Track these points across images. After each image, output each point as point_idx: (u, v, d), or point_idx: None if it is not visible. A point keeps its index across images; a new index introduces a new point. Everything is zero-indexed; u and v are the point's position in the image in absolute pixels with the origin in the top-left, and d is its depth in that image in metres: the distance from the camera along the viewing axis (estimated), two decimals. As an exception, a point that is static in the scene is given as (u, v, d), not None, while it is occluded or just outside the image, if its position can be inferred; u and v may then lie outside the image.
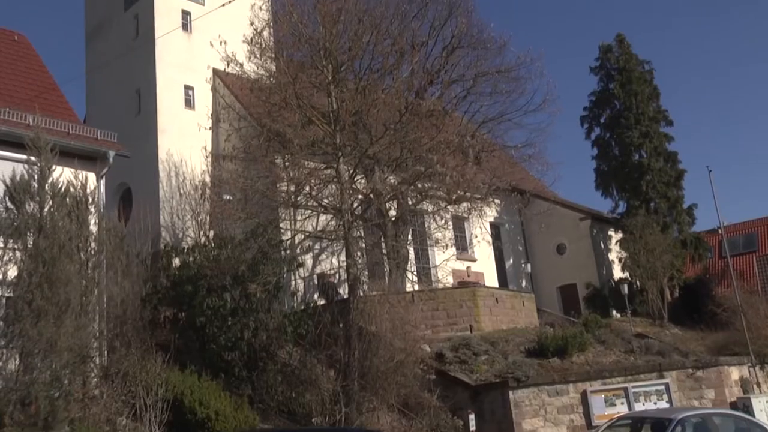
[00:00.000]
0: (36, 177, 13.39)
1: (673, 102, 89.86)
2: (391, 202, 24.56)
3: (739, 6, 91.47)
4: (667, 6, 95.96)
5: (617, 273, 35.49)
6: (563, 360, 21.36)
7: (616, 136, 36.57)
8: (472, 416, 18.61)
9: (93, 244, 14.56)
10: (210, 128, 27.58)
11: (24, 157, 14.02)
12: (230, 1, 25.00)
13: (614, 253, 36.15)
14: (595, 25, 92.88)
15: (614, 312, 32.57)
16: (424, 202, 25.97)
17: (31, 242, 12.85)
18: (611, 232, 37.17)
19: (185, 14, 29.88)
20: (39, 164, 13.52)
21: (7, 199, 13.16)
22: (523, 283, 35.76)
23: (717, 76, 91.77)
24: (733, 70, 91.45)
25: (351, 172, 21.03)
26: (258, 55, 22.46)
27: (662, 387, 20.54)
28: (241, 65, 22.81)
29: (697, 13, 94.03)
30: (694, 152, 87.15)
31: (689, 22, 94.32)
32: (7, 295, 12.73)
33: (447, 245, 27.52)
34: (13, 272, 12.67)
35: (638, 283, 32.22)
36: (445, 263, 28.01)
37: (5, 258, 12.67)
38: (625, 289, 29.81)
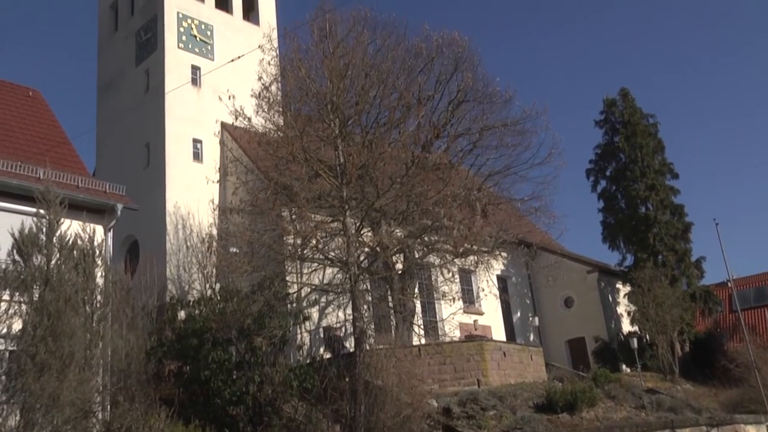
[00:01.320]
0: (44, 230, 13.44)
1: (679, 154, 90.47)
2: (397, 255, 24.50)
3: (742, 54, 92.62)
4: (670, 58, 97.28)
5: (626, 326, 35.15)
6: (572, 416, 20.98)
7: (622, 188, 36.64)
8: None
9: (99, 297, 14.51)
10: (218, 181, 27.78)
11: (33, 210, 14.11)
12: (239, 57, 25.43)
13: (623, 307, 35.86)
14: (599, 78, 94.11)
15: (624, 366, 32.14)
16: (431, 255, 25.90)
17: (37, 295, 12.82)
18: (619, 285, 36.95)
19: (195, 69, 30.45)
20: (48, 217, 13.58)
21: (14, 251, 13.18)
22: (531, 337, 35.40)
23: (722, 128, 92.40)
24: (739, 121, 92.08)
25: (357, 225, 21.06)
26: (266, 109, 22.76)
27: (675, 444, 20.15)
28: (249, 119, 23.09)
29: (701, 65, 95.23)
30: (701, 205, 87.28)
31: (694, 74, 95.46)
32: (10, 348, 12.64)
33: (454, 298, 27.33)
34: (17, 325, 12.61)
35: (648, 337, 31.88)
36: (452, 317, 27.80)
37: (10, 311, 12.62)
38: (635, 343, 29.45)
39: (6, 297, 12.79)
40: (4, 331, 12.54)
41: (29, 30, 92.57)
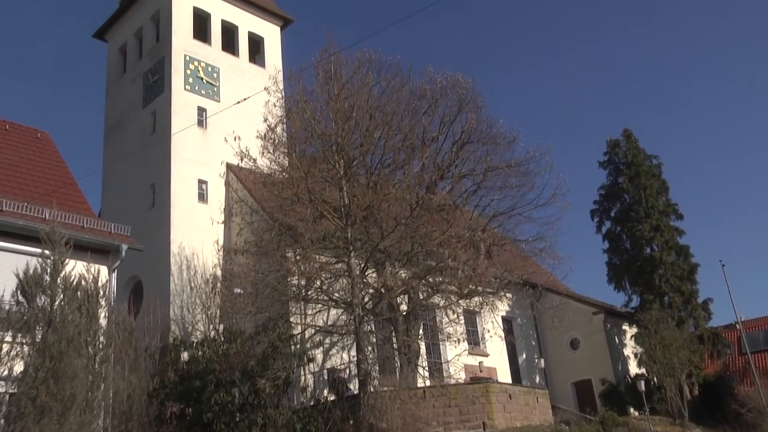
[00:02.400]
0: (49, 270, 13.47)
1: (683, 195, 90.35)
2: (402, 296, 24.40)
3: (745, 93, 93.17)
4: (673, 98, 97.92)
5: (633, 369, 34.75)
6: (580, 460, 20.65)
7: (626, 229, 36.61)
8: None
9: (101, 338, 14.46)
10: (222, 222, 27.83)
11: (38, 250, 14.14)
12: (245, 99, 25.69)
13: (629, 348, 35.50)
14: (602, 119, 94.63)
15: (632, 410, 31.68)
16: (436, 297, 25.77)
17: (40, 336, 12.77)
18: (625, 327, 36.62)
19: (201, 111, 30.74)
20: (53, 258, 13.61)
21: (18, 292, 13.18)
22: (537, 379, 35.01)
23: (726, 168, 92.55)
24: (743, 160, 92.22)
25: (362, 266, 21.01)
26: (271, 150, 22.89)
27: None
28: (255, 160, 23.21)
29: (703, 105, 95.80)
30: (706, 246, 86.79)
31: (696, 114, 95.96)
32: (11, 391, 12.55)
33: (459, 340, 27.07)
34: (19, 367, 12.53)
35: (655, 379, 31.49)
36: (457, 358, 27.52)
37: (12, 353, 12.56)
38: (642, 385, 29.08)
39: (8, 339, 12.75)
40: (5, 373, 12.47)
41: (40, 73, 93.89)
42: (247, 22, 35.10)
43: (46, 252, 13.76)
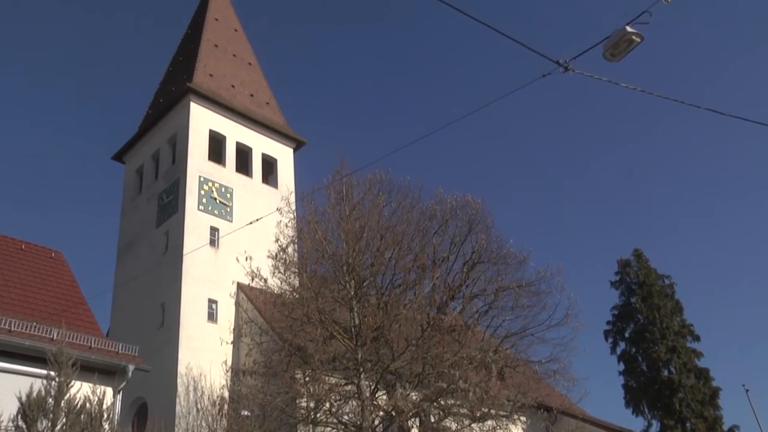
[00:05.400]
0: (53, 393, 13.24)
1: (699, 316, 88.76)
2: (413, 419, 23.70)
3: (743, 209, 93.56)
4: (680, 220, 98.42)
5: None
6: None
7: (642, 351, 36.01)
8: None
9: (103, 464, 14.02)
10: (231, 342, 27.54)
11: (44, 371, 13.97)
12: (258, 219, 26.00)
13: (652, 477, 34.08)
14: (612, 238, 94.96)
15: None
16: (447, 419, 25.01)
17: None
18: (646, 454, 35.27)
19: (213, 230, 31.09)
20: (58, 379, 13.41)
21: (19, 417, 12.91)
22: None
23: (742, 290, 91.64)
24: (760, 280, 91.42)
25: (372, 388, 20.55)
26: (282, 270, 22.92)
27: None
28: (265, 280, 23.20)
29: (715, 226, 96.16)
30: (727, 369, 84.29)
31: (707, 235, 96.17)
32: None
33: (472, 466, 26.09)
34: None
35: None
36: (471, 485, 26.41)
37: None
38: None
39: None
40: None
41: (58, 194, 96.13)
42: (261, 144, 36.09)
43: (52, 373, 13.58)
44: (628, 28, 10.80)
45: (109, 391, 16.86)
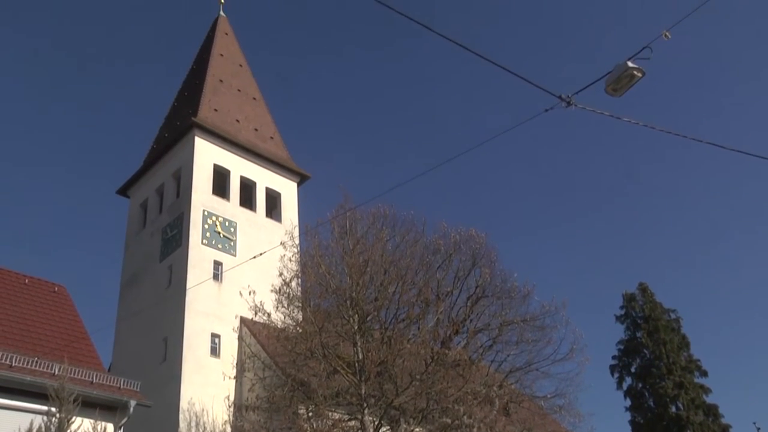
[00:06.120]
0: (53, 429, 13.11)
1: (706, 352, 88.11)
2: (417, 456, 23.41)
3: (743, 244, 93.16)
4: (684, 254, 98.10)
5: None
6: None
7: (648, 386, 35.59)
8: None
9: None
10: (234, 377, 27.34)
11: (45, 408, 13.87)
12: (261, 254, 25.97)
13: None
14: (616, 272, 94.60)
15: None
16: (453, 456, 24.71)
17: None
18: (655, 491, 34.67)
19: (217, 264, 31.05)
20: (59, 416, 13.30)
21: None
22: None
23: (752, 326, 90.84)
24: (761, 317, 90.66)
25: (376, 423, 20.35)
26: (285, 305, 22.84)
27: None
28: (269, 314, 23.11)
29: (718, 262, 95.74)
30: (736, 406, 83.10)
31: (712, 271, 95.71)
32: None
33: (478, 504, 25.69)
34: None
35: None
36: None
37: None
38: None
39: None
40: None
41: (61, 228, 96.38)
42: (265, 179, 36.22)
43: (53, 409, 13.47)
44: (630, 64, 10.89)
45: (111, 427, 16.73)
